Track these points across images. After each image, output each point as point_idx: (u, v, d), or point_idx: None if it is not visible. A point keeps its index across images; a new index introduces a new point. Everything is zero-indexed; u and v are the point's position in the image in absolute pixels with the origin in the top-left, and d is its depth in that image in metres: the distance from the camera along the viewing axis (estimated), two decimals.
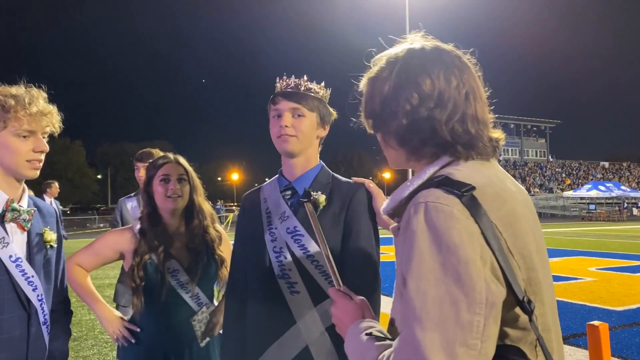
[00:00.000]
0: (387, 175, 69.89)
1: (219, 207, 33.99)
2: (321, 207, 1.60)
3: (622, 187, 47.06)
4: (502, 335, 0.87)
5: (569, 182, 55.94)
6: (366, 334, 0.95)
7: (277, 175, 1.77)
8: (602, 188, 43.86)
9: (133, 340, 2.05)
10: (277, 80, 1.70)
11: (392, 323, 1.02)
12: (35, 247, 1.61)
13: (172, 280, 2.03)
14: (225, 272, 2.10)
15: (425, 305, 0.80)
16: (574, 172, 60.54)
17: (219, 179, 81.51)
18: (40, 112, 1.56)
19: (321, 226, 1.41)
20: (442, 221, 0.83)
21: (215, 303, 2.17)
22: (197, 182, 2.21)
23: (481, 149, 0.98)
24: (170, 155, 2.22)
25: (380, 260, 1.64)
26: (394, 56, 1.03)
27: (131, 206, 3.38)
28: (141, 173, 3.20)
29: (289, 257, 1.58)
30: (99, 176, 76.68)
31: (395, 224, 1.02)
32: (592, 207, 41.51)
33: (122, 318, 2.12)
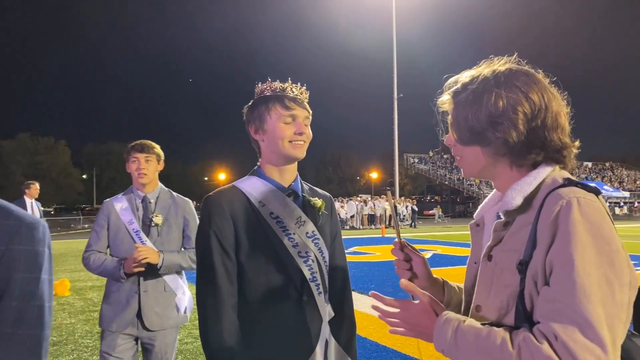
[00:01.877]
0: (374, 175, 70.19)
1: None
2: (321, 211, 1.74)
3: (605, 187, 47.68)
4: None
5: None
6: (481, 323, 1.05)
7: (255, 177, 1.71)
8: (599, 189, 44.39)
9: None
10: (274, 82, 1.70)
11: (478, 309, 1.14)
12: None
13: None
14: None
15: (592, 285, 0.93)
16: None
17: (206, 179, 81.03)
18: None
19: (320, 228, 1.71)
20: (595, 215, 0.98)
21: None
22: None
23: (571, 155, 1.16)
24: None
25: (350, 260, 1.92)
26: (492, 77, 1.14)
27: (121, 208, 2.91)
28: (142, 165, 2.84)
29: (315, 260, 1.66)
30: (84, 176, 75.83)
31: (502, 219, 1.13)
32: None
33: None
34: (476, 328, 1.03)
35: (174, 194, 3.08)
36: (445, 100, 1.23)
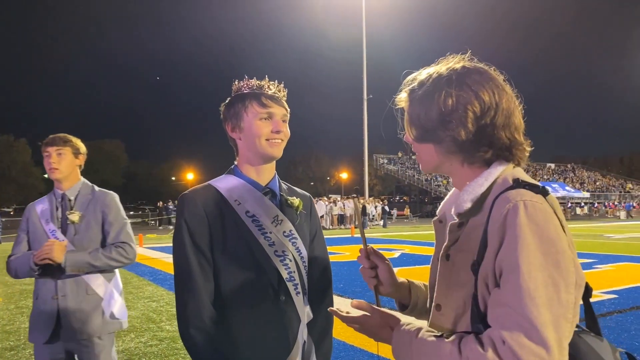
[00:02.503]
0: (344, 175, 70.48)
1: (172, 207, 33.17)
2: (300, 211, 1.72)
3: (567, 188, 49.36)
4: None
5: None
6: (432, 335, 1.07)
7: (232, 176, 1.69)
8: (548, 189, 45.79)
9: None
10: (250, 79, 1.67)
11: (438, 308, 1.16)
12: None
13: None
14: None
15: (537, 287, 0.95)
16: None
17: (173, 178, 79.73)
18: None
19: (298, 227, 1.68)
20: (541, 217, 0.99)
21: None
22: None
23: (523, 152, 1.17)
24: None
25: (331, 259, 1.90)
26: (445, 75, 1.15)
27: (41, 209, 2.71)
28: (53, 159, 2.65)
29: (293, 260, 1.63)
30: (46, 175, 73.25)
31: (456, 221, 1.15)
32: None
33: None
34: (427, 342, 1.06)
35: (97, 188, 2.83)
36: (402, 98, 1.25)
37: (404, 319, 1.18)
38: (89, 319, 2.58)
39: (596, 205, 48.73)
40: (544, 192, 1.05)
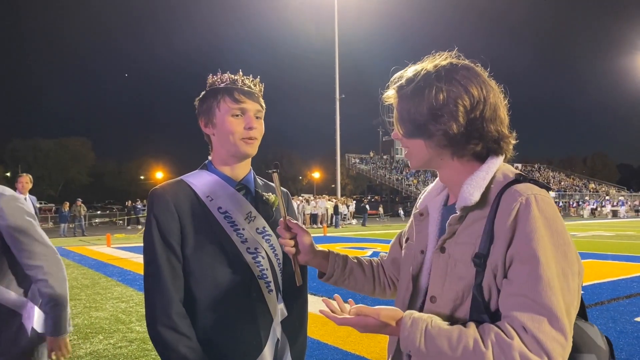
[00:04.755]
0: (316, 175, 70.62)
1: (140, 207, 32.56)
2: (275, 207, 1.70)
3: None
4: None
5: None
6: (447, 324, 1.07)
7: (205, 171, 1.66)
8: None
9: None
10: (223, 73, 1.64)
11: (432, 300, 1.18)
12: None
13: None
14: None
15: (553, 278, 1.00)
16: None
17: (142, 177, 78.26)
18: None
19: (273, 224, 1.66)
20: (550, 211, 1.05)
21: None
22: None
23: (509, 145, 1.21)
24: None
25: None
26: (433, 71, 1.18)
27: None
28: None
29: (265, 257, 1.61)
30: (8, 174, 71.23)
31: (458, 214, 1.16)
32: None
33: None
34: (446, 331, 1.04)
35: None
36: (390, 95, 1.27)
37: (407, 311, 1.14)
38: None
39: (561, 204, 50.13)
40: (547, 187, 1.11)
